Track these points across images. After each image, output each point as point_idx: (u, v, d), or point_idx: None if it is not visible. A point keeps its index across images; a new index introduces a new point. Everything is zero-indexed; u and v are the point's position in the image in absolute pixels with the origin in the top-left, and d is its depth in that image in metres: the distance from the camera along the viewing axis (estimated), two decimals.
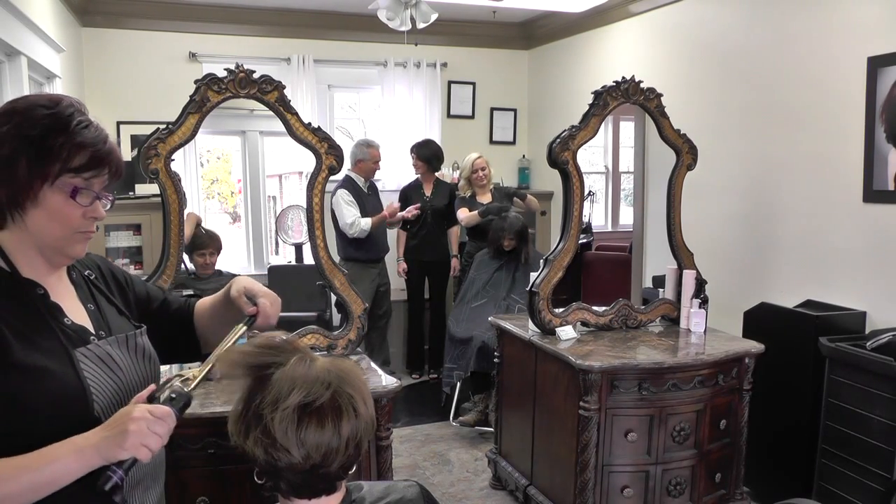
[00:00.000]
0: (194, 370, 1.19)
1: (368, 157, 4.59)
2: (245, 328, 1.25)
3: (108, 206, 1.18)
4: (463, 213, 4.56)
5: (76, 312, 1.18)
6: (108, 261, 1.39)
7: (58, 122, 1.09)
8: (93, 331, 1.19)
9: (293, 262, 5.17)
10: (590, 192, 6.09)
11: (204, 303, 1.46)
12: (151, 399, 1.09)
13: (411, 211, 4.63)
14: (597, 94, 2.95)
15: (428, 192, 4.87)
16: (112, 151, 1.15)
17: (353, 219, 4.43)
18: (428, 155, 4.84)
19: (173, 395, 1.10)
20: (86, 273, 1.28)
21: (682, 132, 3.13)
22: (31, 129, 1.08)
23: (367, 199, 4.63)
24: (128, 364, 1.20)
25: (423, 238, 4.84)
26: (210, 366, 1.18)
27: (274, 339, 1.21)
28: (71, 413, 1.07)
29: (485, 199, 4.64)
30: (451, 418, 4.20)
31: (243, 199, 5.42)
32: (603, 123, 3.00)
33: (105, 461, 1.03)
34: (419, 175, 4.91)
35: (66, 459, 1.02)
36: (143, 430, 1.03)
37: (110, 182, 1.16)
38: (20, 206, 1.09)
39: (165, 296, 1.46)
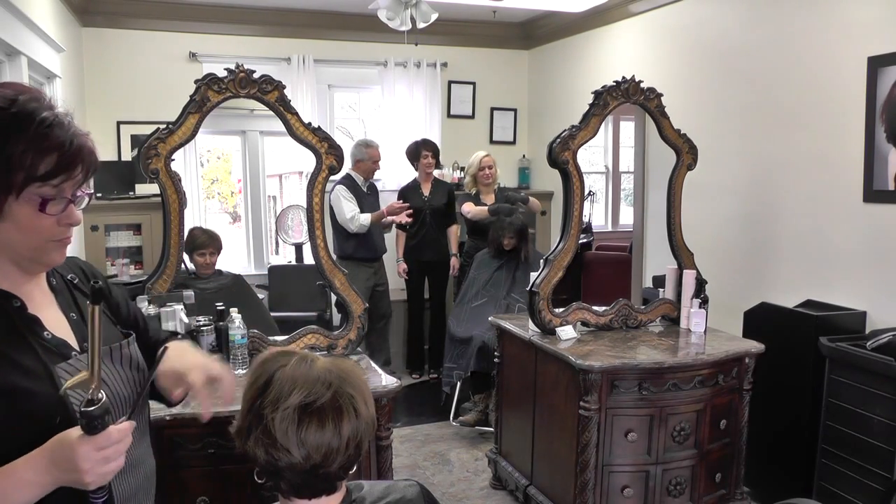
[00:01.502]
0: (84, 375, 1.01)
1: (367, 157, 4.59)
2: (94, 307, 1.02)
3: (85, 203, 1.07)
4: (469, 207, 4.57)
5: (56, 324, 1.09)
6: (91, 265, 1.29)
7: (17, 124, 0.97)
8: (75, 343, 1.10)
9: (293, 262, 5.18)
10: (590, 191, 6.10)
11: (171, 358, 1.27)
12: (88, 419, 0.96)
13: (402, 217, 4.58)
14: (597, 94, 2.95)
15: (426, 191, 4.87)
16: (81, 149, 1.02)
17: (353, 213, 4.44)
18: (407, 153, 4.91)
19: (89, 421, 0.96)
20: (68, 277, 1.18)
21: (682, 132, 3.13)
22: None
23: (366, 199, 4.63)
24: (114, 377, 1.12)
25: (422, 238, 4.84)
26: (97, 365, 1.00)
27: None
28: (55, 434, 0.98)
29: (489, 199, 4.65)
30: (451, 418, 4.19)
31: (243, 199, 5.42)
32: (603, 123, 3.00)
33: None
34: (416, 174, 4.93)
35: (17, 495, 0.95)
36: (97, 473, 0.96)
37: (84, 179, 1.05)
38: None
39: (146, 326, 1.33)
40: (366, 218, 4.45)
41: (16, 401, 0.97)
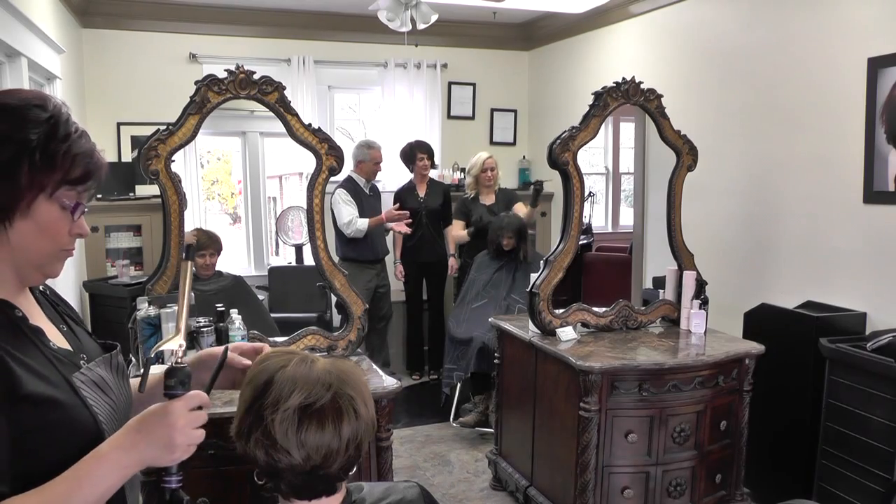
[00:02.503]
0: (170, 341, 1.11)
1: (369, 159, 4.59)
2: (190, 263, 1.17)
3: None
4: (456, 230, 4.71)
5: (54, 335, 1.07)
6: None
7: (58, 127, 0.99)
8: (74, 353, 1.09)
9: (293, 263, 5.16)
10: (590, 192, 6.08)
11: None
12: (165, 387, 1.04)
13: (402, 227, 4.57)
14: (597, 95, 2.95)
15: (422, 193, 4.87)
16: (103, 165, 1.06)
17: (351, 217, 4.44)
18: (401, 155, 4.93)
19: (180, 379, 1.05)
20: (41, 289, 1.15)
21: (682, 133, 3.13)
22: (31, 132, 0.96)
23: (367, 200, 4.63)
24: (115, 385, 1.12)
25: (419, 239, 4.83)
26: (184, 330, 1.12)
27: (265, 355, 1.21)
28: (84, 445, 0.98)
29: (488, 200, 4.67)
30: (451, 419, 4.20)
31: (243, 200, 5.41)
32: (603, 124, 3.00)
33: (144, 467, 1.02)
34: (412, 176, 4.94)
35: (110, 479, 0.97)
36: (188, 435, 1.02)
37: (94, 194, 1.08)
38: (10, 217, 0.97)
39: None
40: (363, 223, 4.45)
41: (51, 410, 0.96)
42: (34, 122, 0.97)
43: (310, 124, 2.51)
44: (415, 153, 4.83)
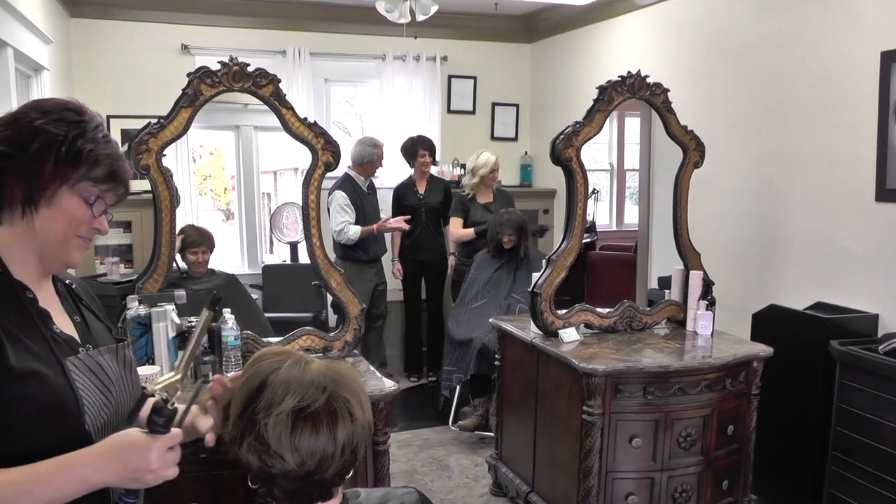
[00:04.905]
0: (171, 380, 1.23)
1: (376, 158, 4.55)
2: (210, 313, 1.32)
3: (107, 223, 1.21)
4: (456, 227, 4.59)
5: (63, 322, 1.16)
6: (80, 279, 1.37)
7: (86, 130, 1.11)
8: (80, 342, 1.16)
9: (288, 261, 5.12)
10: (594, 190, 6.03)
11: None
12: (149, 421, 1.09)
13: (400, 222, 4.49)
14: (601, 89, 2.92)
15: (421, 189, 4.83)
16: (128, 171, 1.18)
17: (343, 226, 4.38)
18: (403, 150, 4.88)
19: (167, 418, 1.09)
20: (66, 281, 1.26)
21: (689, 128, 3.10)
22: (62, 129, 1.09)
23: (367, 199, 4.59)
24: (118, 376, 1.18)
25: (418, 237, 4.79)
26: (187, 371, 1.26)
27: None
28: (62, 424, 1.05)
29: (484, 198, 4.64)
30: (450, 422, 4.15)
31: (237, 196, 5.38)
32: (608, 119, 2.97)
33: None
34: (413, 172, 4.88)
35: (70, 489, 1.03)
36: (158, 475, 1.07)
37: (117, 201, 1.18)
38: (35, 203, 1.08)
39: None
40: (355, 232, 4.39)
41: (34, 384, 1.03)
42: (65, 122, 1.10)
43: (305, 118, 2.49)
44: (417, 149, 4.78)
